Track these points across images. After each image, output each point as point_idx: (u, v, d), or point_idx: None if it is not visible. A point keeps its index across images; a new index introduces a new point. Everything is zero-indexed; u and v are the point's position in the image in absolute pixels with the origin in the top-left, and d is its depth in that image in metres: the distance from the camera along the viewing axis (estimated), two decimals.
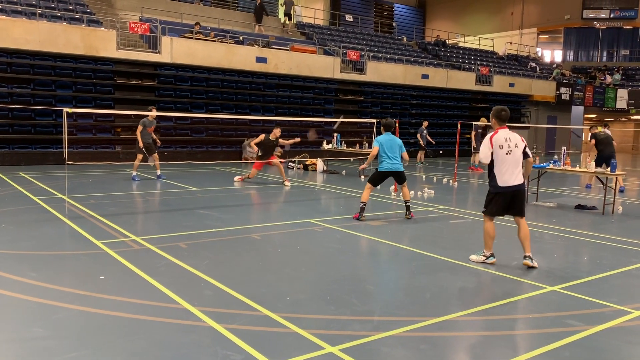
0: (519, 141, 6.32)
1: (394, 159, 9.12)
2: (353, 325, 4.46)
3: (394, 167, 9.12)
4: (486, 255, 6.47)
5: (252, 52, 19.90)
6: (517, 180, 6.24)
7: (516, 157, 6.25)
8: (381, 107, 24.63)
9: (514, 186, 6.23)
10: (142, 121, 13.11)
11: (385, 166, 9.10)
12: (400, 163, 9.19)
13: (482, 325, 4.60)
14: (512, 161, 6.23)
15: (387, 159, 9.09)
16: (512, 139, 6.28)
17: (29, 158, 16.36)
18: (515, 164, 6.24)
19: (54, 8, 18.29)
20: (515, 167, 6.24)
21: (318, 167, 17.03)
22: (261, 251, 6.86)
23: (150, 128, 13.27)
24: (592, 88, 32.81)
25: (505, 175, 6.22)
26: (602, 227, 9.16)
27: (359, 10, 37.55)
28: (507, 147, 6.23)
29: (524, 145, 6.33)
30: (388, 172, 9.17)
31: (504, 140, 6.24)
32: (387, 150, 9.08)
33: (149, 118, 13.17)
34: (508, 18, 39.30)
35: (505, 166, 6.22)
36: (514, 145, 6.25)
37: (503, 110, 6.39)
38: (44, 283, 5.29)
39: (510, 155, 6.22)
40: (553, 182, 15.34)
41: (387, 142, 9.13)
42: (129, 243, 7.01)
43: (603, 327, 4.55)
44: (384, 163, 9.10)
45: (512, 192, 6.26)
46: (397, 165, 9.13)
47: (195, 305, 4.78)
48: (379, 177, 9.25)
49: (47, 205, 9.47)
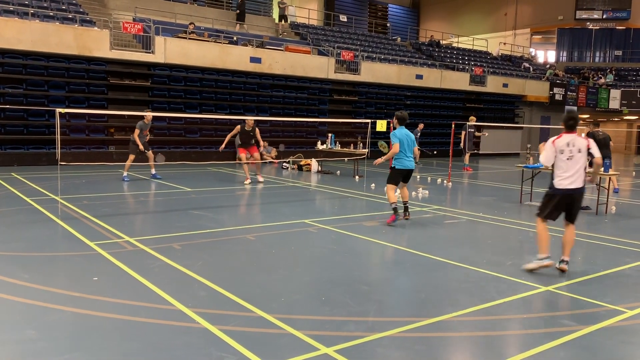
0: (583, 146, 6.28)
1: (410, 155, 8.85)
2: (348, 326, 4.45)
3: (411, 164, 8.86)
4: (540, 258, 6.28)
5: (246, 53, 19.86)
6: (576, 184, 6.23)
7: (578, 162, 6.23)
8: (375, 107, 24.65)
9: (570, 189, 6.24)
10: (138, 124, 13.12)
11: (404, 164, 8.78)
12: (413, 160, 8.97)
13: (477, 326, 4.60)
14: (573, 166, 6.23)
15: (405, 156, 8.77)
16: (576, 145, 6.25)
17: (21, 159, 16.26)
18: (576, 169, 6.23)
19: (47, 8, 18.19)
20: (576, 172, 6.23)
21: (312, 167, 17.02)
22: (255, 252, 6.84)
23: (146, 130, 13.28)
24: (585, 88, 32.98)
25: (564, 179, 6.24)
26: (595, 227, 9.19)
27: (353, 10, 37.58)
28: (569, 152, 6.22)
29: (587, 148, 6.29)
30: (405, 170, 8.87)
31: (565, 146, 6.24)
32: (406, 146, 8.76)
33: (145, 121, 13.16)
34: (502, 18, 39.44)
35: (564, 170, 6.24)
36: (576, 151, 6.23)
37: (570, 119, 6.37)
38: (36, 284, 5.25)
39: (572, 161, 6.22)
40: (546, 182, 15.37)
41: (405, 138, 8.79)
42: (123, 244, 6.97)
43: (597, 327, 4.56)
44: (402, 160, 8.76)
45: (568, 195, 6.28)
46: (412, 162, 8.91)
47: (189, 306, 4.75)
48: (399, 175, 8.91)
49: (39, 206, 9.41)
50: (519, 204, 11.35)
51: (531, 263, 6.32)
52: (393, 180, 8.93)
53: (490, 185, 15.13)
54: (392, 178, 8.94)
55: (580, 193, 6.31)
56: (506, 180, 16.15)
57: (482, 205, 11.04)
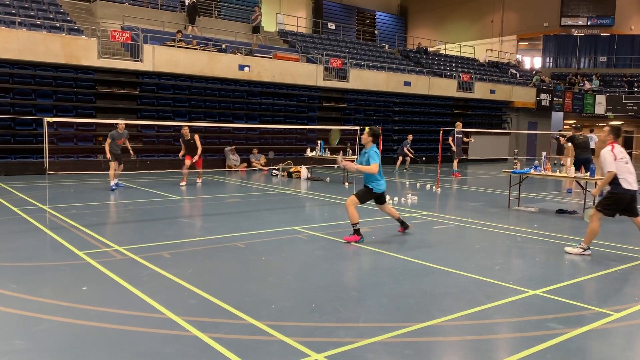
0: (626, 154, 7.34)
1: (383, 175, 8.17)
2: (338, 332, 4.47)
3: (385, 185, 8.18)
4: (584, 247, 7.33)
5: (234, 60, 19.90)
6: (636, 186, 7.16)
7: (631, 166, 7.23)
8: (364, 114, 24.75)
9: (632, 190, 7.14)
10: (110, 134, 13.04)
11: (382, 186, 8.05)
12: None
13: (465, 330, 4.64)
14: (630, 170, 7.17)
15: (382, 177, 8.06)
16: (623, 152, 7.29)
17: (8, 168, 16.13)
18: (632, 172, 7.18)
19: (34, 16, 18.12)
20: (633, 175, 7.17)
21: (302, 174, 17.04)
22: (245, 259, 6.84)
23: (120, 140, 13.17)
24: (571, 94, 33.37)
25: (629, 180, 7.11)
26: (582, 231, 9.27)
27: (341, 18, 37.79)
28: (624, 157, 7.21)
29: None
30: (380, 193, 8.10)
31: (620, 153, 7.19)
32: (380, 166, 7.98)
33: (118, 130, 13.07)
34: (488, 25, 39.84)
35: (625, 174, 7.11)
36: (627, 157, 7.25)
37: (620, 129, 7.56)
38: (24, 295, 5.22)
39: (629, 165, 7.20)
40: (534, 187, 15.54)
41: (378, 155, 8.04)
42: (112, 253, 6.94)
43: (584, 330, 4.62)
44: (381, 182, 8.02)
45: (631, 195, 7.18)
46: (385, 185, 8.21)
47: (180, 314, 4.75)
48: (372, 197, 8.10)
49: (27, 215, 9.34)
50: (507, 209, 11.45)
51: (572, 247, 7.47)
52: (361, 199, 7.98)
53: (478, 190, 15.24)
54: (362, 197, 8.00)
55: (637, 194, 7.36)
56: (494, 186, 16.28)
57: (471, 211, 11.13)
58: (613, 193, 7.17)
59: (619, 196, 7.12)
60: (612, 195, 7.18)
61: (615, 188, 7.14)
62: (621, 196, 7.11)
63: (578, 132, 13.79)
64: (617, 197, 7.14)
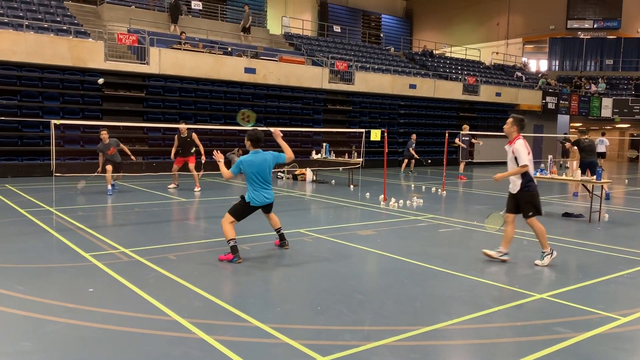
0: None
1: (268, 186, 7.07)
2: (343, 335, 4.46)
3: (269, 198, 7.05)
4: (549, 252, 6.91)
5: (240, 63, 19.95)
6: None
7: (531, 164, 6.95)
8: (369, 117, 24.76)
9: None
10: (97, 148, 12.98)
11: (261, 199, 6.96)
12: (271, 190, 7.15)
13: (471, 334, 4.62)
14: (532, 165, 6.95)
15: (261, 188, 6.98)
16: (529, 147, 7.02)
17: (15, 170, 16.22)
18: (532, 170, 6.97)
19: (41, 19, 18.23)
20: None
21: (307, 176, 17.04)
22: (250, 262, 6.84)
23: (109, 150, 12.84)
24: (577, 97, 33.25)
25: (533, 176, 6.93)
26: (589, 234, 9.25)
27: (346, 21, 37.83)
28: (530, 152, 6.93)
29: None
30: (260, 207, 7.06)
31: (529, 147, 6.94)
32: (260, 175, 6.93)
33: (103, 142, 12.74)
34: (494, 28, 39.78)
35: (531, 169, 6.88)
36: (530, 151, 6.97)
37: (523, 120, 7.06)
38: (31, 296, 5.24)
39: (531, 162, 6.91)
40: (540, 191, 15.45)
41: (257, 167, 6.90)
42: (118, 255, 6.96)
43: (591, 334, 4.59)
44: (260, 194, 6.95)
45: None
46: (271, 194, 7.12)
47: (185, 316, 4.76)
48: (249, 211, 7.06)
49: (34, 217, 9.38)
50: None
51: (540, 260, 6.91)
52: (237, 215, 6.96)
53: (484, 193, 15.20)
54: (237, 212, 6.96)
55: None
56: (500, 189, 16.22)
57: (476, 214, 11.09)
58: (529, 191, 6.85)
59: (536, 192, 6.90)
60: (530, 192, 6.86)
61: (530, 184, 6.85)
62: (538, 193, 6.92)
63: (584, 135, 13.78)
64: (535, 193, 6.90)
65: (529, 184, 6.82)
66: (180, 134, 13.79)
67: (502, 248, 7.04)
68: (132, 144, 18.56)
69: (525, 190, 6.83)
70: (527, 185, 6.82)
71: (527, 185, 6.82)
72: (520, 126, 6.94)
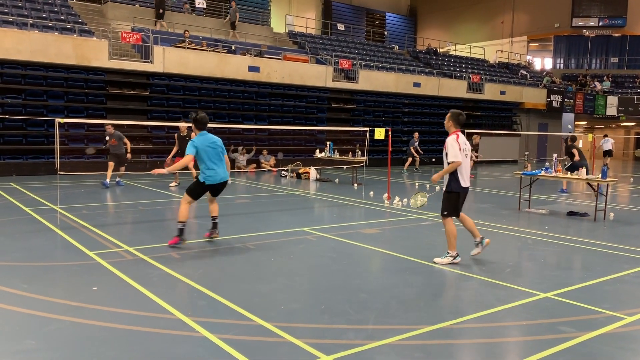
0: (469, 146, 6.81)
1: (221, 165, 7.48)
2: (347, 334, 4.45)
3: (224, 175, 7.47)
4: (453, 255, 6.74)
5: (244, 62, 19.95)
6: (469, 182, 6.79)
7: (469, 160, 6.78)
8: (373, 115, 24.73)
9: (468, 187, 6.77)
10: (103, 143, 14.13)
11: (215, 178, 7.34)
12: (225, 170, 7.56)
13: (476, 333, 4.61)
14: (468, 164, 6.75)
15: (216, 166, 7.36)
16: (467, 144, 6.76)
17: (20, 168, 16.27)
18: (468, 167, 6.77)
19: (46, 18, 18.27)
20: (468, 170, 6.77)
21: (311, 175, 17.04)
22: (255, 260, 6.84)
23: (111, 141, 13.61)
24: (582, 95, 33.12)
25: (465, 177, 6.70)
26: (594, 233, 9.21)
27: (350, 19, 37.78)
28: (466, 150, 6.68)
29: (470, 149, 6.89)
30: (216, 185, 7.45)
31: (463, 144, 6.65)
32: (212, 155, 7.35)
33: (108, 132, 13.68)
34: (498, 26, 39.65)
35: (465, 169, 6.67)
36: (468, 149, 6.72)
37: (461, 115, 6.82)
38: (35, 294, 5.25)
39: (467, 159, 6.70)
40: (545, 189, 15.43)
41: (206, 147, 7.31)
42: (122, 253, 6.97)
43: (596, 334, 4.57)
44: (214, 173, 7.32)
45: (466, 193, 6.82)
46: (226, 173, 7.53)
47: (189, 315, 4.75)
48: (205, 189, 7.47)
49: (38, 215, 9.41)
50: (517, 211, 11.37)
51: (441, 257, 6.80)
52: (194, 194, 7.42)
53: (488, 192, 15.16)
54: (193, 191, 7.42)
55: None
56: (504, 187, 16.18)
57: (481, 213, 11.06)
58: (450, 192, 6.69)
59: (456, 195, 6.69)
60: (451, 194, 6.69)
61: (453, 185, 6.66)
62: (459, 195, 6.69)
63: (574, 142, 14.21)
64: (457, 194, 6.68)
65: (451, 184, 6.67)
66: (179, 132, 13.87)
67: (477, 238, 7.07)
68: (136, 143, 18.62)
69: (447, 189, 6.73)
70: (450, 184, 6.68)
71: (450, 186, 6.69)
72: (457, 121, 6.74)
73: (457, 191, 6.68)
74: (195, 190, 7.44)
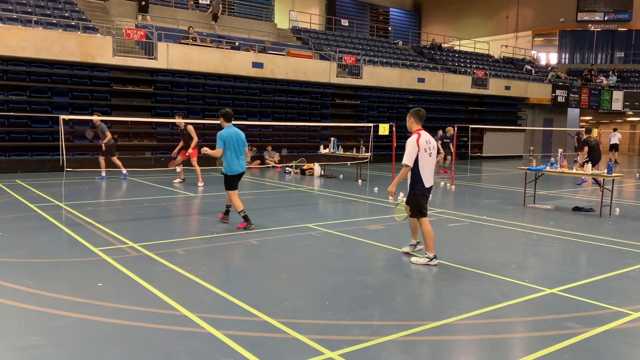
0: (435, 144, 6.64)
1: (241, 157, 8.32)
2: (352, 330, 4.45)
3: (242, 167, 8.34)
4: (430, 257, 6.52)
5: (248, 58, 19.92)
6: (432, 182, 6.65)
7: (434, 159, 6.61)
8: (378, 111, 24.67)
9: (431, 187, 6.62)
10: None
11: (234, 169, 8.23)
12: (244, 161, 8.45)
13: (481, 329, 4.59)
14: (432, 163, 6.57)
15: (235, 159, 8.22)
16: (431, 142, 6.56)
17: (25, 165, 16.32)
18: (433, 166, 6.61)
19: (50, 15, 18.29)
20: (432, 170, 6.60)
21: (315, 171, 17.02)
22: (259, 257, 6.85)
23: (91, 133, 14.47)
24: (587, 90, 32.94)
25: (429, 177, 6.53)
26: (599, 229, 9.17)
27: (354, 14, 37.67)
28: (430, 149, 6.50)
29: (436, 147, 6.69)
30: (238, 175, 8.34)
31: (425, 143, 6.45)
32: (234, 147, 8.17)
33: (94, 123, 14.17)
34: (503, 21, 39.46)
35: (428, 168, 6.50)
36: (432, 148, 6.54)
37: (420, 110, 6.68)
38: (41, 291, 5.27)
39: (431, 158, 6.54)
40: (550, 185, 15.37)
41: (233, 138, 8.17)
42: (127, 250, 6.99)
43: (602, 329, 4.55)
44: (232, 165, 8.20)
45: (428, 194, 6.65)
46: (244, 164, 8.41)
47: (194, 311, 4.76)
48: (234, 180, 8.34)
49: (44, 212, 9.44)
50: (522, 207, 11.33)
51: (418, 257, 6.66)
52: (232, 186, 8.32)
53: (493, 187, 15.11)
54: (230, 184, 8.34)
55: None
56: (509, 183, 16.13)
57: (485, 208, 11.03)
58: (414, 194, 6.53)
59: (420, 197, 6.53)
60: (415, 196, 6.54)
61: (417, 187, 6.50)
62: (423, 196, 6.54)
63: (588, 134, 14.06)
64: (421, 196, 6.53)
65: (415, 186, 6.51)
66: (179, 128, 14.04)
67: (413, 241, 7.02)
68: (141, 139, 18.65)
69: (411, 191, 6.59)
70: (414, 187, 6.52)
71: (414, 188, 6.53)
72: (419, 117, 6.58)
73: (419, 193, 6.53)
74: (231, 183, 8.32)
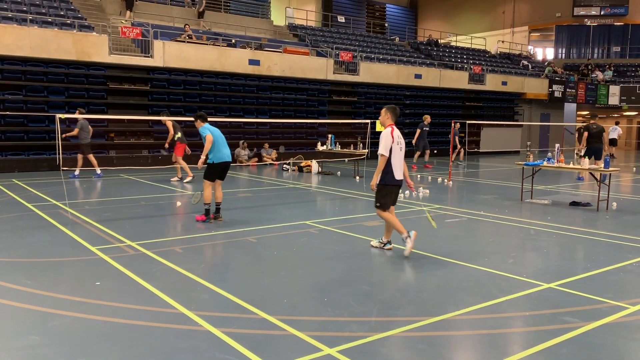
0: (403, 140, 6.89)
1: (227, 148, 8.81)
2: (350, 327, 4.45)
3: (229, 156, 8.78)
4: (407, 236, 6.71)
5: (244, 55, 19.89)
6: (402, 176, 6.84)
7: (403, 154, 6.84)
8: (375, 108, 24.63)
9: (401, 181, 6.83)
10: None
11: (221, 156, 8.66)
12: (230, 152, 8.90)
13: (479, 324, 4.60)
14: (402, 157, 6.80)
15: (223, 147, 8.68)
16: (401, 137, 6.84)
17: (22, 165, 16.28)
18: (402, 161, 6.82)
19: (45, 14, 18.22)
20: (402, 163, 6.82)
21: (312, 168, 17.02)
22: (257, 254, 6.85)
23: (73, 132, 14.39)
24: (584, 85, 32.97)
25: (398, 170, 6.74)
26: (597, 223, 9.20)
27: (350, 11, 37.61)
28: (400, 143, 6.77)
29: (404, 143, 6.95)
30: (224, 163, 8.74)
31: (398, 137, 6.74)
32: (220, 139, 8.72)
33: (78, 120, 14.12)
34: (499, 17, 39.45)
35: (398, 161, 6.72)
36: (402, 143, 6.81)
37: (396, 108, 6.95)
38: (39, 290, 5.26)
39: (401, 152, 6.78)
40: (547, 180, 15.40)
41: (216, 132, 8.74)
42: (125, 248, 6.98)
43: (600, 323, 4.57)
44: (220, 152, 8.64)
45: (399, 186, 6.88)
46: (230, 154, 8.84)
47: (192, 309, 4.76)
48: (217, 170, 8.76)
49: (41, 212, 9.42)
50: (519, 202, 11.35)
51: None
52: (211, 177, 8.68)
53: (490, 183, 15.13)
54: (210, 174, 8.68)
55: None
56: (506, 178, 16.15)
57: (483, 204, 11.05)
58: (385, 185, 6.73)
59: (390, 188, 6.76)
60: (384, 187, 6.74)
61: (387, 178, 6.70)
62: (392, 188, 6.76)
63: (592, 120, 14.01)
64: (390, 189, 6.76)
65: (385, 177, 6.69)
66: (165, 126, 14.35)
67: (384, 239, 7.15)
68: (138, 137, 18.61)
69: (381, 181, 6.73)
70: (384, 177, 6.70)
71: (384, 179, 6.70)
72: (394, 113, 6.85)
73: (389, 184, 6.73)
74: (210, 173, 8.65)
